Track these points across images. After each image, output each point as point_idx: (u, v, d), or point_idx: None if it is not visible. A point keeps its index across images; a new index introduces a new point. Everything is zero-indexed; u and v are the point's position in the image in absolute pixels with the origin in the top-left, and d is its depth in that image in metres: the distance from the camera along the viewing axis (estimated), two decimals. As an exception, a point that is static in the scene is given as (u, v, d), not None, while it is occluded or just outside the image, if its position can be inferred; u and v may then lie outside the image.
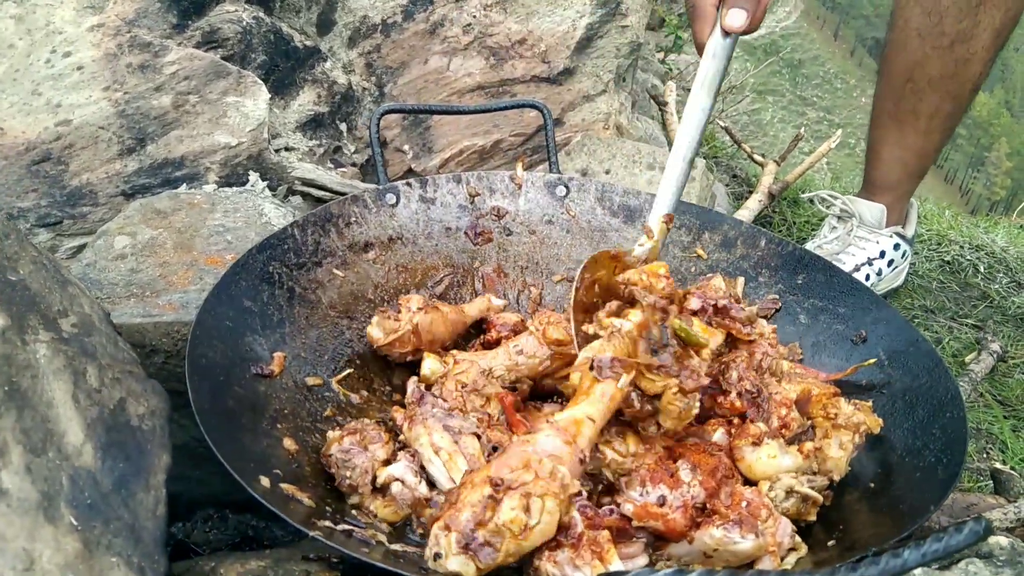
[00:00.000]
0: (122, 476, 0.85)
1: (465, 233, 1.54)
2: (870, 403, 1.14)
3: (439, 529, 0.83)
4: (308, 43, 1.82)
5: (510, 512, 0.82)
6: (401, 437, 1.08)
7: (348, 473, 0.99)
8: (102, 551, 0.76)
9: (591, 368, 0.99)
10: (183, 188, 1.56)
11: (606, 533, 0.89)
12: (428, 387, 1.20)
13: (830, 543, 0.95)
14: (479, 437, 1.05)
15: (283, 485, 0.93)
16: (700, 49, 1.28)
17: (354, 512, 1.00)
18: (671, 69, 3.75)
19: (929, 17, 1.88)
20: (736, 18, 1.23)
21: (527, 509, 0.83)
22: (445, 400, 1.14)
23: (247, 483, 0.86)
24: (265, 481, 0.91)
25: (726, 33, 1.25)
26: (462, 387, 1.17)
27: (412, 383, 1.21)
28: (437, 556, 0.82)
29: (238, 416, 1.02)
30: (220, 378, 1.04)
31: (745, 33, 1.27)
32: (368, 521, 0.98)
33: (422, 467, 1.02)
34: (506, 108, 1.67)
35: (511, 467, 0.86)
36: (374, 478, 1.00)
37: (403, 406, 1.18)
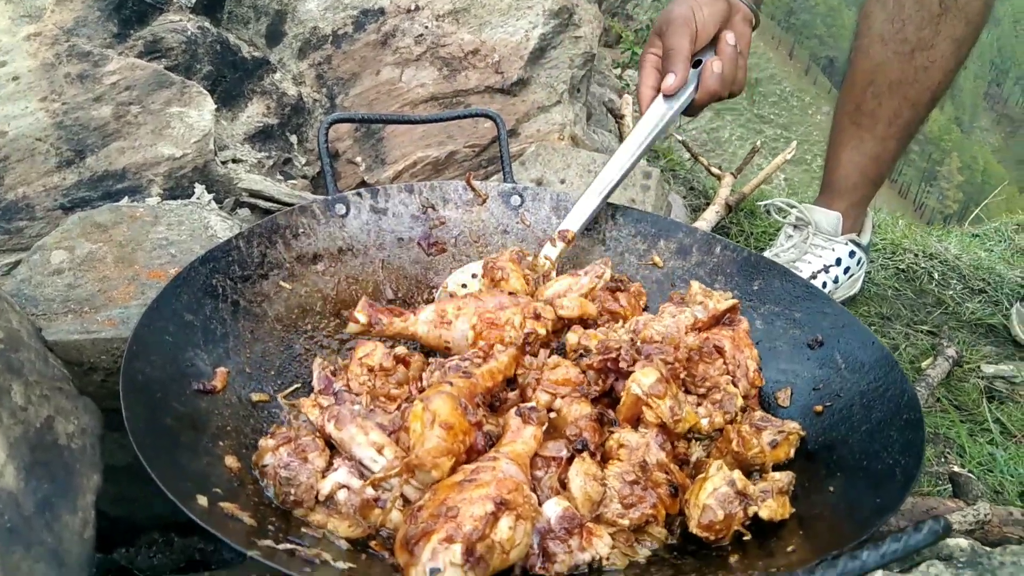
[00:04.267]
0: (46, 498, 0.80)
1: (418, 244, 1.51)
2: None
3: (439, 543, 0.82)
4: (256, 54, 1.78)
5: (507, 531, 0.85)
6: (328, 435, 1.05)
7: (292, 490, 0.95)
8: (21, 578, 0.71)
9: (518, 414, 1.06)
10: (125, 201, 1.51)
11: None
12: (333, 372, 1.18)
13: (790, 548, 0.93)
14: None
15: (222, 504, 0.89)
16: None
17: (304, 529, 0.96)
18: (627, 84, 3.76)
19: (892, 24, 1.93)
20: (668, 80, 1.43)
21: (514, 529, 0.86)
22: (350, 386, 1.13)
23: (181, 502, 0.81)
24: (202, 500, 0.86)
25: (665, 95, 1.45)
26: (368, 370, 1.15)
27: (317, 367, 1.19)
28: (435, 571, 0.80)
29: (176, 434, 0.97)
30: (157, 395, 1.00)
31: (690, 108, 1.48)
32: (314, 540, 0.94)
33: (360, 471, 0.99)
34: (458, 117, 1.65)
35: (508, 488, 0.89)
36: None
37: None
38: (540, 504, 0.94)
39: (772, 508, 0.97)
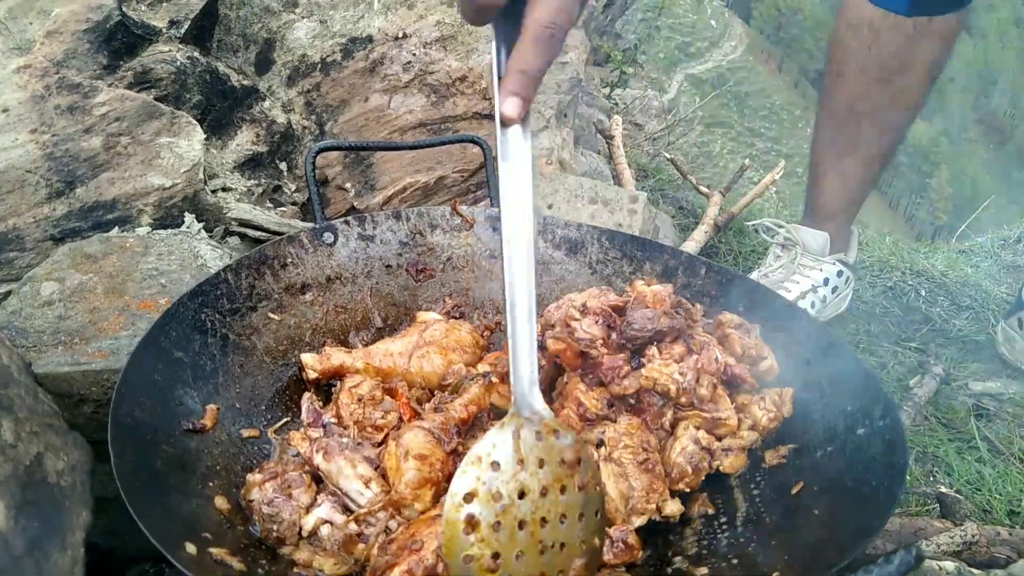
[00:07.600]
0: (36, 537, 0.80)
1: (406, 270, 1.52)
2: None
3: (400, 575, 0.83)
4: (246, 82, 1.80)
5: None
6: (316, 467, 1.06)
7: (274, 526, 0.96)
8: (10, 619, 0.72)
9: None
10: (115, 231, 1.52)
11: None
12: (323, 403, 1.19)
13: (774, 574, 0.94)
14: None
15: (212, 549, 0.89)
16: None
17: (296, 569, 0.96)
18: (616, 104, 3.79)
19: (869, 51, 1.91)
20: (510, 107, 0.89)
21: None
22: (340, 418, 1.13)
23: (169, 552, 0.81)
24: (191, 548, 0.86)
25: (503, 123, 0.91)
26: (357, 400, 1.15)
27: (306, 401, 1.19)
28: None
29: (166, 476, 0.97)
30: (147, 437, 0.99)
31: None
32: (304, 578, 0.94)
33: (345, 505, 0.99)
34: (444, 143, 1.66)
35: None
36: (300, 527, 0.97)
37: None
38: None
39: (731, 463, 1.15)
